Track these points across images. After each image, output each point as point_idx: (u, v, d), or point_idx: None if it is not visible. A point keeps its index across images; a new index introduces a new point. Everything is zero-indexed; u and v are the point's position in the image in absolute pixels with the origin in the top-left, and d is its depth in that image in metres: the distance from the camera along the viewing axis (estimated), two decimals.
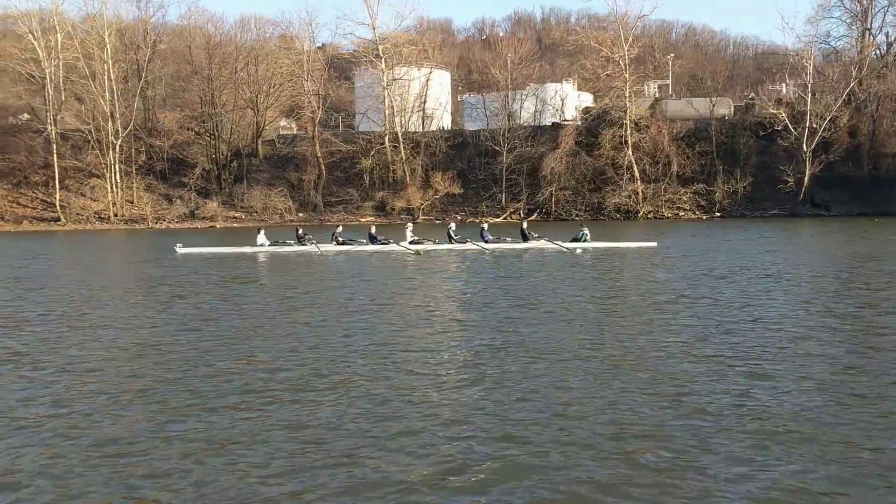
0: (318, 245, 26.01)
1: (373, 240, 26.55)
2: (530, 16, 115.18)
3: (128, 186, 54.86)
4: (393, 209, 53.18)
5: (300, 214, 52.83)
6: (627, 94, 49.71)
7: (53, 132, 53.07)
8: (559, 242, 25.65)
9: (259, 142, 60.15)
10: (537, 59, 65.70)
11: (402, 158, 52.04)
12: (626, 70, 49.84)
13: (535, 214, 52.21)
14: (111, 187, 52.31)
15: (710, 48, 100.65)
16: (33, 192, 55.64)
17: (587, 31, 54.87)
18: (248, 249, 26.37)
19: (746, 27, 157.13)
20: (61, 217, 52.13)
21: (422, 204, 51.11)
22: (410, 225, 28.68)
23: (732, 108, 59.53)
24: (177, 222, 51.09)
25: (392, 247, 26.01)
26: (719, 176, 52.07)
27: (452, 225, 28.11)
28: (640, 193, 50.06)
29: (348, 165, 57.64)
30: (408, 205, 50.78)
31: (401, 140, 52.77)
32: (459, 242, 26.15)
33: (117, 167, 53.48)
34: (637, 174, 49.93)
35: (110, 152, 52.81)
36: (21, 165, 56.05)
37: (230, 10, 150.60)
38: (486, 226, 27.94)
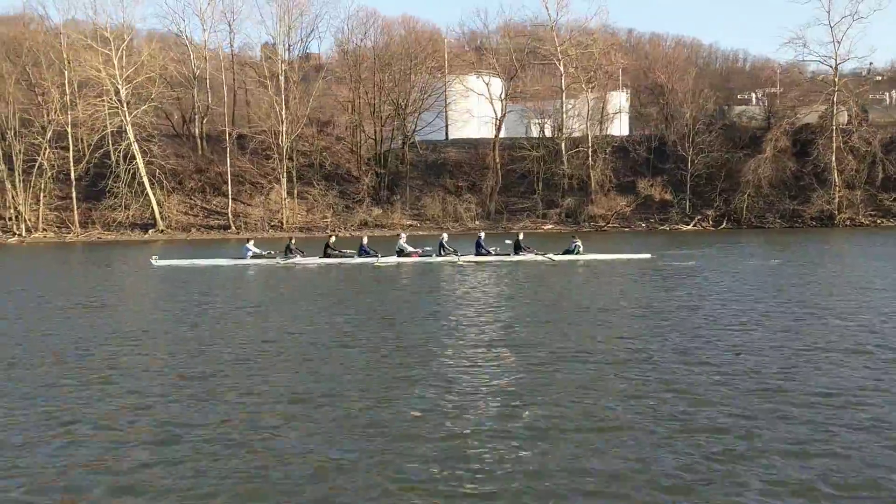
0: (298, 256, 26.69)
1: (361, 251, 26.88)
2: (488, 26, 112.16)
3: (289, 193, 54.57)
4: (571, 216, 52.91)
5: (477, 222, 52.50)
6: (835, 100, 49.37)
7: (227, 137, 53.00)
8: (540, 253, 26.39)
9: (405, 147, 59.83)
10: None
11: (590, 164, 51.68)
12: (835, 74, 49.61)
13: (725, 222, 51.78)
14: (284, 194, 52.03)
15: None
16: (191, 199, 55.51)
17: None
18: (224, 262, 26.90)
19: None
20: (231, 225, 51.80)
21: (624, 209, 50.77)
22: (403, 235, 29.18)
23: None
24: (356, 230, 50.70)
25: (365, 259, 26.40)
26: None
27: (444, 236, 28.64)
28: (841, 200, 49.67)
29: (507, 172, 57.21)
30: (607, 211, 50.42)
31: (590, 144, 52.48)
32: (446, 255, 26.57)
33: (285, 174, 53.28)
34: (837, 180, 49.55)
35: (283, 160, 52.66)
36: (174, 171, 55.59)
37: (389, 10, 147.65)
38: (482, 235, 28.34)
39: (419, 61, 60.26)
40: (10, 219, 52.67)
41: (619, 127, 61.69)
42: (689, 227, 51.92)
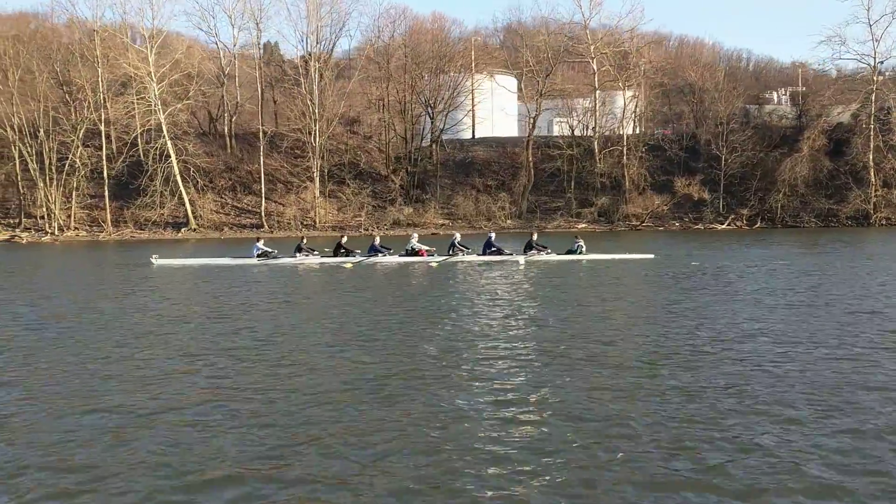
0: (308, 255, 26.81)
1: (371, 250, 26.89)
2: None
3: (321, 192, 54.60)
4: (605, 215, 52.85)
5: (509, 221, 52.51)
6: (874, 98, 49.26)
7: (260, 136, 53.14)
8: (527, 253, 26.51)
9: (435, 146, 59.76)
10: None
11: (625, 163, 51.62)
12: (874, 72, 49.50)
13: (759, 222, 51.73)
14: (317, 193, 52.08)
15: None
16: (221, 198, 55.49)
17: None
18: (224, 261, 26.88)
19: None
20: (264, 223, 51.85)
21: (661, 208, 50.76)
22: (415, 235, 29.25)
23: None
24: (388, 229, 50.73)
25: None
26: None
27: (457, 235, 28.57)
28: (878, 199, 49.61)
29: (536, 171, 57.01)
30: (643, 210, 50.39)
31: (625, 143, 52.38)
32: (455, 254, 26.64)
33: (317, 172, 53.36)
34: (874, 179, 49.46)
35: (316, 158, 52.67)
36: (205, 170, 55.45)
37: (419, 7, 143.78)
38: (493, 235, 28.36)
39: (447, 59, 60.25)
40: (42, 217, 52.86)
41: (637, 126, 61.40)
42: (723, 226, 51.83)
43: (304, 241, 28.45)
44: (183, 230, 52.38)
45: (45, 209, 52.68)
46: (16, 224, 53.28)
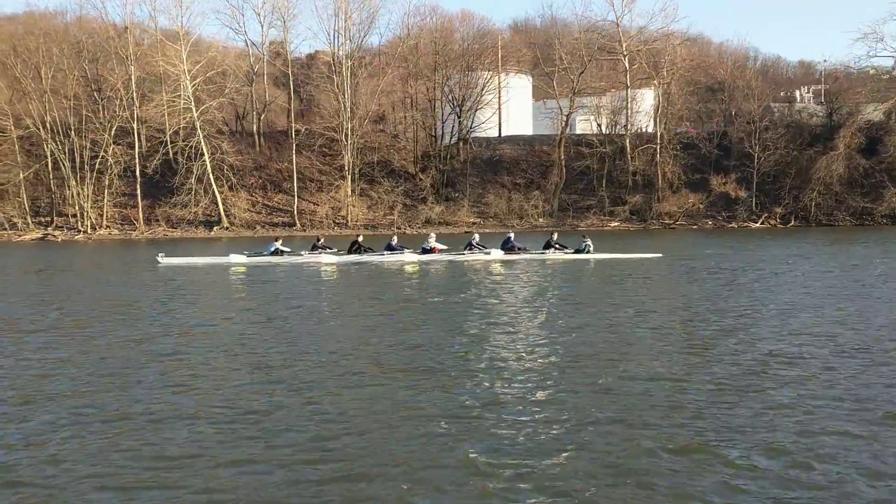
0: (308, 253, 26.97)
1: (387, 248, 27.32)
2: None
3: (352, 190, 54.61)
4: (637, 213, 52.67)
5: (541, 219, 52.41)
6: None
7: (293, 134, 53.10)
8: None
9: (461, 144, 59.62)
10: None
11: (658, 161, 51.42)
12: None
13: (793, 220, 51.51)
14: (349, 191, 52.06)
15: None
16: (252, 196, 55.61)
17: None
18: (232, 259, 26.86)
19: None
20: (296, 222, 51.90)
21: (696, 206, 50.61)
22: (433, 234, 29.55)
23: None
24: (419, 227, 50.73)
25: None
26: None
27: (476, 236, 28.89)
28: None
29: (570, 168, 56.78)
30: (677, 209, 50.18)
31: (658, 140, 52.18)
32: (472, 252, 26.92)
33: (350, 171, 53.37)
34: None
35: (348, 155, 52.62)
36: (233, 168, 55.44)
37: (447, 4, 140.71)
38: (512, 235, 28.43)
39: (476, 57, 60.06)
40: (74, 216, 53.03)
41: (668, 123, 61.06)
42: (757, 224, 51.57)
43: (321, 240, 28.71)
44: (215, 228, 52.44)
45: (77, 207, 52.86)
46: (48, 222, 53.53)
